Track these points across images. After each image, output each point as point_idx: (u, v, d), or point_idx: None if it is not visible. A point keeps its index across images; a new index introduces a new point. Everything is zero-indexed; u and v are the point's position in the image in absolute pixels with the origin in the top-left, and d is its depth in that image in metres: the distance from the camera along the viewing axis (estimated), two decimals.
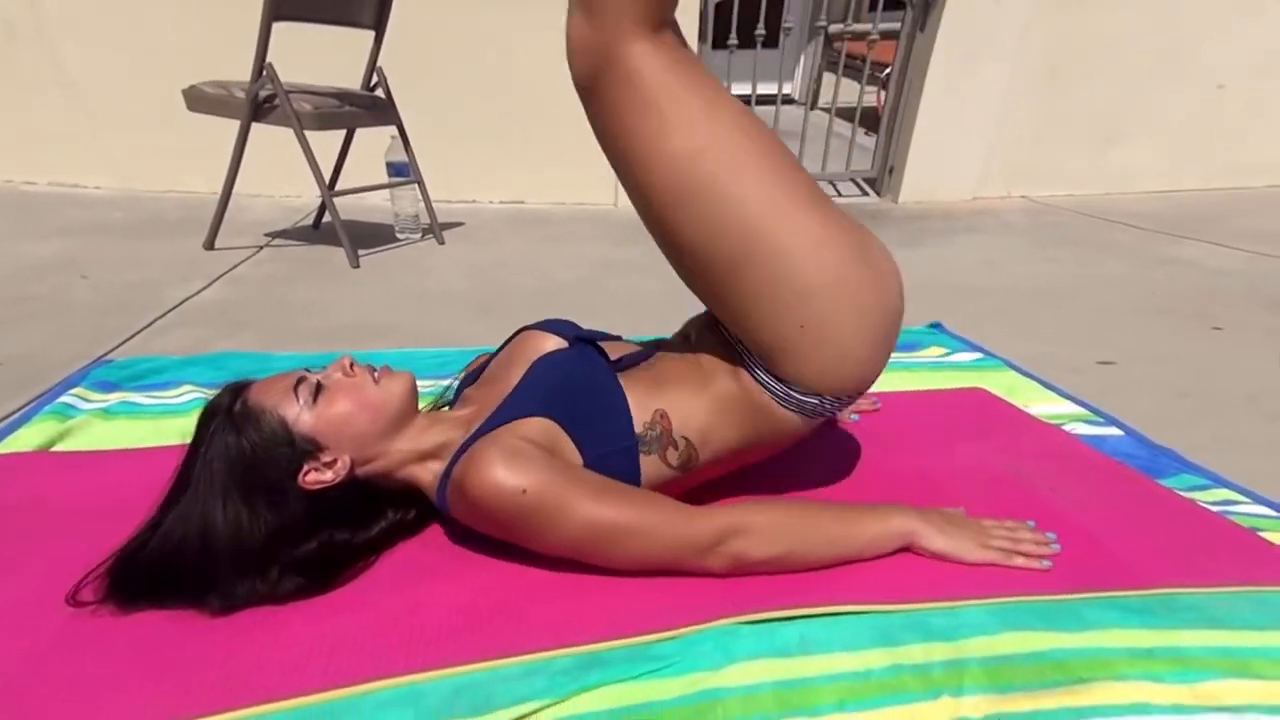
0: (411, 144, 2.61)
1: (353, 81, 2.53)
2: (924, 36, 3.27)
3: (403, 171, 2.67)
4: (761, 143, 0.72)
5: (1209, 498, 0.94)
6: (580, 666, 0.66)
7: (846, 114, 3.86)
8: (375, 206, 3.04)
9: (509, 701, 0.62)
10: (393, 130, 2.57)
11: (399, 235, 2.77)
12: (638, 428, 0.81)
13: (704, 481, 0.89)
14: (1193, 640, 0.67)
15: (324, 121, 2.27)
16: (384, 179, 2.70)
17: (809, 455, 1.04)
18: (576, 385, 0.84)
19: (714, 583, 0.77)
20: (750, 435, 0.85)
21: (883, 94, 3.57)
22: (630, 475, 0.80)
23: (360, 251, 2.37)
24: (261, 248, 2.49)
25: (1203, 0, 3.22)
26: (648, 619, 0.71)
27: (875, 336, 0.79)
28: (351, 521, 0.80)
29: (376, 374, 0.83)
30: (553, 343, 0.93)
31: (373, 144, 2.65)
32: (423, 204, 2.73)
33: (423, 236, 2.77)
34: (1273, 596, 0.74)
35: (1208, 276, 2.18)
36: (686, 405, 0.83)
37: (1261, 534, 0.85)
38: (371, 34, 2.45)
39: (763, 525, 0.77)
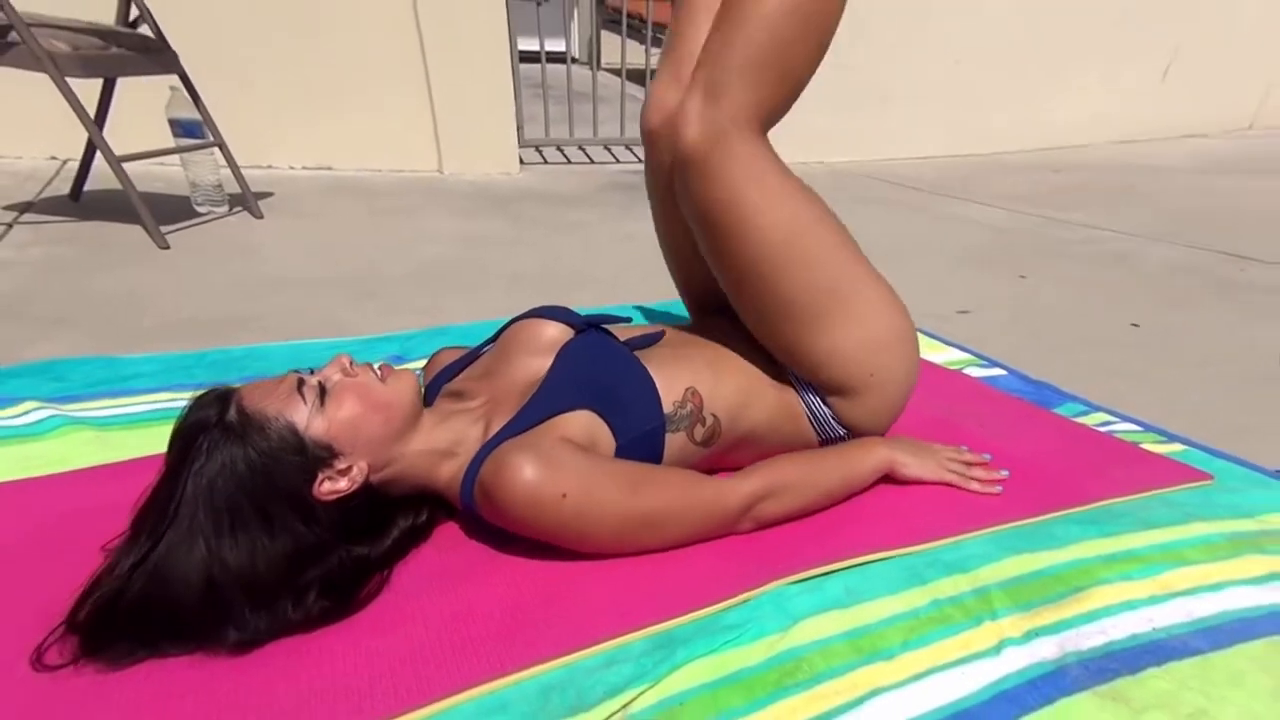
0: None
1: (99, 16, 2.06)
2: None
3: (193, 131, 2.29)
4: (832, 217, 0.85)
5: (1093, 420, 1.16)
6: (659, 647, 0.67)
7: (634, 76, 3.99)
8: (151, 173, 2.59)
9: (604, 694, 0.61)
10: (172, 80, 2.19)
11: (199, 208, 2.39)
12: (667, 407, 0.83)
13: (714, 464, 0.91)
14: (1137, 542, 0.84)
15: (87, 66, 1.88)
16: (167, 140, 2.27)
17: None
18: (607, 372, 0.83)
19: (747, 546, 0.81)
20: (769, 430, 0.92)
21: None
22: (654, 453, 0.82)
23: (163, 229, 2.02)
24: (10, 225, 2.03)
25: None
26: (702, 592, 0.73)
27: (912, 383, 0.92)
28: (368, 533, 0.73)
29: (378, 372, 0.77)
30: (555, 329, 0.91)
31: (135, 94, 2.19)
32: (226, 171, 2.38)
33: (230, 210, 2.42)
34: (1172, 495, 0.94)
35: (992, 232, 2.59)
36: (716, 387, 0.87)
37: (1141, 446, 1.07)
38: None
39: (783, 486, 0.84)
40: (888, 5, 3.72)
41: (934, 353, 1.44)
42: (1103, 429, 1.13)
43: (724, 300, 0.92)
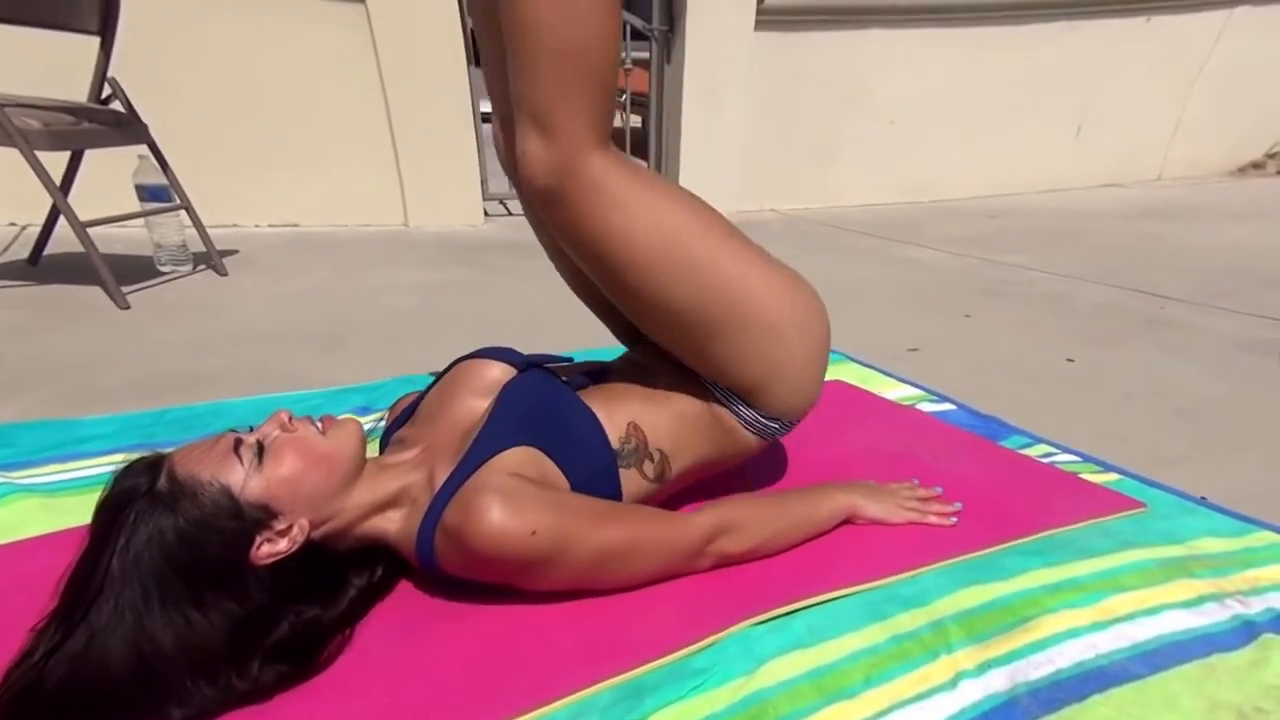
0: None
1: (70, 94, 2.08)
2: (672, 68, 3.64)
3: (159, 195, 2.29)
4: (706, 211, 0.82)
5: (1036, 452, 1.20)
6: (627, 696, 0.66)
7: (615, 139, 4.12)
8: (112, 235, 2.55)
9: None
10: (140, 150, 2.19)
11: (162, 268, 2.36)
12: (614, 443, 0.83)
13: (669, 496, 0.92)
14: (1079, 570, 0.86)
15: (59, 140, 1.89)
16: (132, 203, 2.26)
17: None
18: (548, 408, 0.83)
19: (712, 587, 0.81)
20: (714, 450, 0.91)
21: (631, 116, 3.90)
22: (613, 492, 0.82)
23: (124, 289, 1.98)
24: None
25: (871, 50, 4.02)
26: (669, 636, 0.73)
27: (823, 357, 0.90)
28: (316, 594, 0.70)
29: (319, 424, 0.75)
30: (498, 369, 0.90)
31: (102, 162, 2.18)
32: (190, 231, 2.36)
33: (194, 268, 2.39)
34: (1108, 524, 0.97)
35: (934, 273, 2.69)
36: (654, 419, 0.87)
37: (1080, 476, 1.11)
38: (97, 40, 2.09)
39: (742, 521, 0.84)
40: (823, 76, 3.95)
41: (888, 389, 1.48)
42: (1045, 459, 1.17)
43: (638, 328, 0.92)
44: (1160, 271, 2.65)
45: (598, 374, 0.95)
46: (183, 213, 2.33)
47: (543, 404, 0.83)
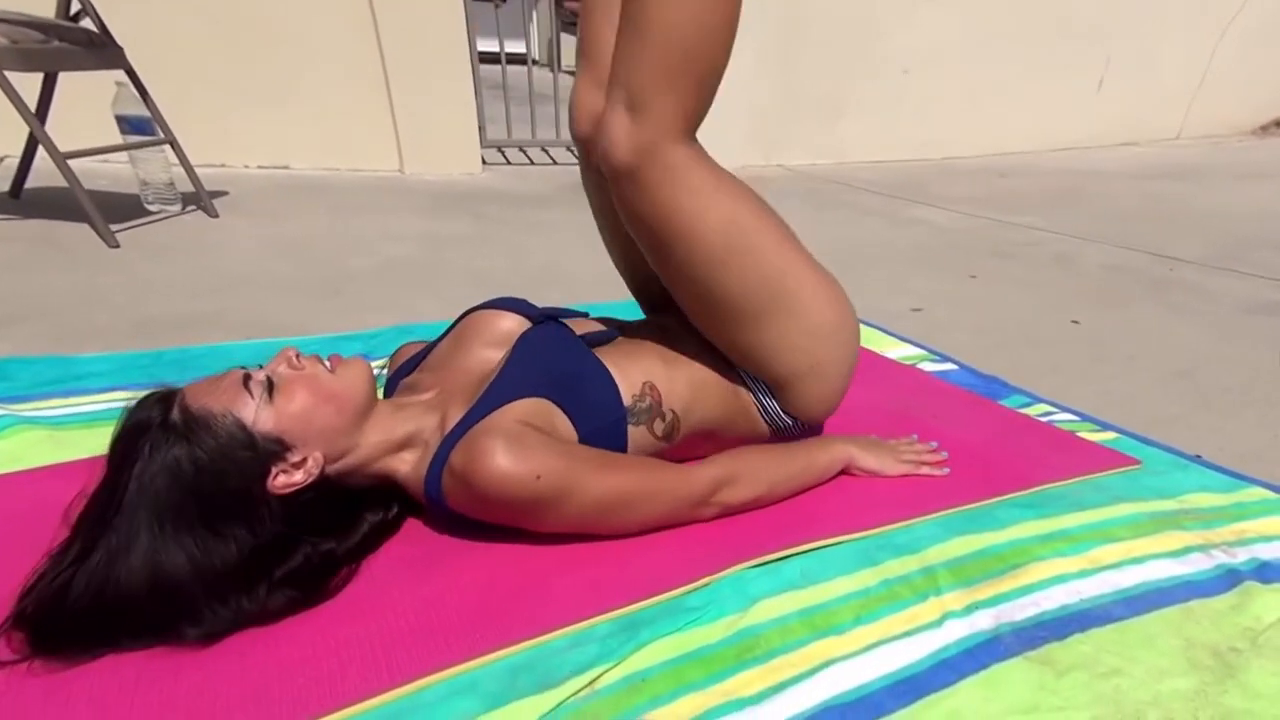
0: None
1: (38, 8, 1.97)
2: None
3: (142, 128, 2.23)
4: (769, 212, 0.86)
5: (1036, 411, 1.23)
6: (624, 629, 0.70)
7: None
8: (93, 170, 2.52)
9: (571, 672, 0.64)
10: (118, 76, 2.12)
11: (150, 207, 2.34)
12: (626, 400, 0.85)
13: (677, 459, 0.94)
14: (1070, 522, 0.90)
15: (28, 60, 1.81)
16: (114, 137, 2.19)
17: None
18: (563, 361, 0.85)
19: (708, 535, 0.85)
20: (726, 424, 0.94)
21: None
22: (618, 445, 0.85)
23: (112, 228, 1.97)
24: None
25: None
26: (664, 578, 0.77)
27: (850, 370, 0.94)
28: (332, 527, 0.74)
29: (328, 364, 0.77)
30: (511, 321, 0.92)
31: (78, 90, 2.12)
32: (178, 169, 2.33)
33: (184, 209, 2.37)
34: (1103, 480, 1.01)
35: (943, 233, 2.69)
36: (672, 380, 0.89)
37: (1078, 434, 1.14)
38: None
39: (745, 472, 0.87)
40: (835, 21, 3.85)
41: (889, 348, 1.50)
42: (1044, 419, 1.20)
43: (671, 299, 0.95)
44: (1171, 233, 2.65)
45: (614, 331, 0.97)
46: (169, 149, 2.29)
47: (558, 357, 0.86)
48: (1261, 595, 0.78)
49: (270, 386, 0.71)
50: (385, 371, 0.99)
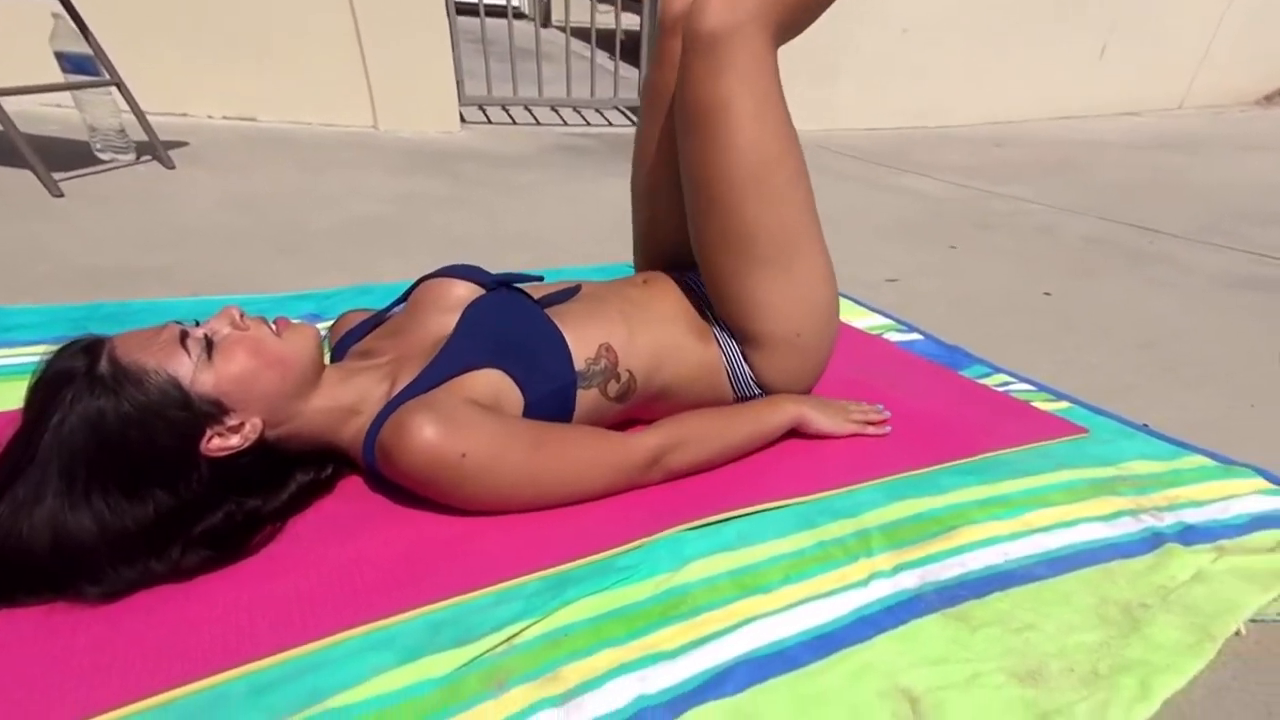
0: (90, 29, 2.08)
1: None
2: None
3: (85, 67, 2.13)
4: (806, 169, 0.89)
5: (994, 381, 1.26)
6: (551, 587, 0.72)
7: (580, 34, 3.96)
8: (42, 115, 2.48)
9: (491, 628, 0.66)
10: (53, 7, 2.01)
11: (101, 155, 2.30)
12: (579, 364, 0.87)
13: (628, 418, 0.97)
14: (1010, 488, 0.93)
15: None
16: (56, 76, 2.10)
17: None
18: (515, 329, 0.86)
19: (651, 498, 0.87)
20: (687, 387, 0.96)
21: (622, 16, 3.76)
22: (564, 409, 0.86)
23: (55, 175, 1.94)
24: None
25: None
26: (600, 538, 0.79)
27: (828, 357, 0.99)
28: (261, 487, 0.75)
29: (273, 326, 0.77)
30: (465, 288, 0.93)
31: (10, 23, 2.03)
32: (129, 116, 2.27)
33: (138, 159, 2.34)
34: (1049, 447, 1.04)
35: (926, 202, 2.71)
36: (631, 341, 0.91)
37: (1032, 403, 1.18)
38: None
39: (689, 437, 0.89)
40: None
41: (857, 318, 1.52)
42: (1001, 389, 1.23)
43: (676, 255, 0.96)
44: (1159, 205, 2.68)
45: (571, 293, 0.98)
46: (116, 93, 2.20)
47: (507, 324, 0.86)
48: (1180, 555, 0.82)
49: (209, 345, 0.71)
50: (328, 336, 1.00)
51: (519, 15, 5.40)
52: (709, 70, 0.80)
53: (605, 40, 3.79)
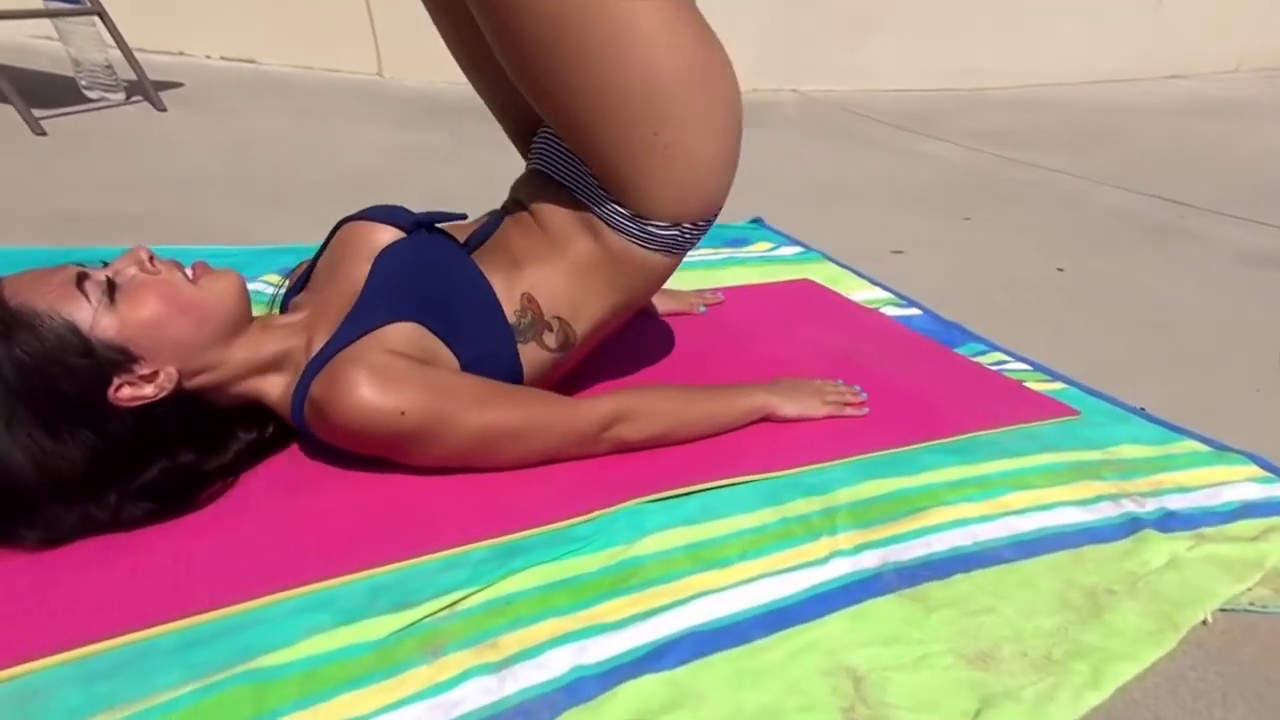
0: None
1: None
2: None
3: None
4: None
5: (989, 360, 1.25)
6: (501, 555, 0.73)
7: None
8: (33, 48, 2.47)
9: (433, 594, 0.68)
10: None
11: (88, 93, 2.29)
12: (510, 317, 0.84)
13: (586, 354, 0.95)
14: (990, 469, 0.93)
15: None
16: (37, 2, 2.08)
17: (668, 345, 1.18)
18: (434, 279, 0.83)
19: (615, 468, 0.87)
20: (620, 294, 0.90)
21: None
22: (511, 369, 0.85)
23: (38, 113, 1.94)
24: None
25: None
26: (557, 507, 0.80)
27: (727, 140, 0.82)
28: (196, 441, 0.75)
29: (190, 271, 0.75)
30: (386, 233, 0.88)
31: None
32: (114, 49, 2.24)
33: (127, 97, 2.33)
34: (1036, 429, 1.03)
35: (948, 170, 2.65)
36: (550, 282, 0.86)
37: (1025, 384, 1.17)
38: None
39: (642, 410, 0.89)
40: None
41: (856, 290, 1.51)
42: (995, 367, 1.22)
43: (529, 110, 0.85)
44: (1194, 177, 2.61)
45: (491, 227, 0.94)
46: (101, 25, 2.18)
47: (428, 273, 0.83)
48: (1156, 542, 0.81)
49: (112, 289, 0.69)
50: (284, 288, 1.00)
51: None
52: None
53: None
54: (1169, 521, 0.86)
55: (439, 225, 0.91)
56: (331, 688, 0.59)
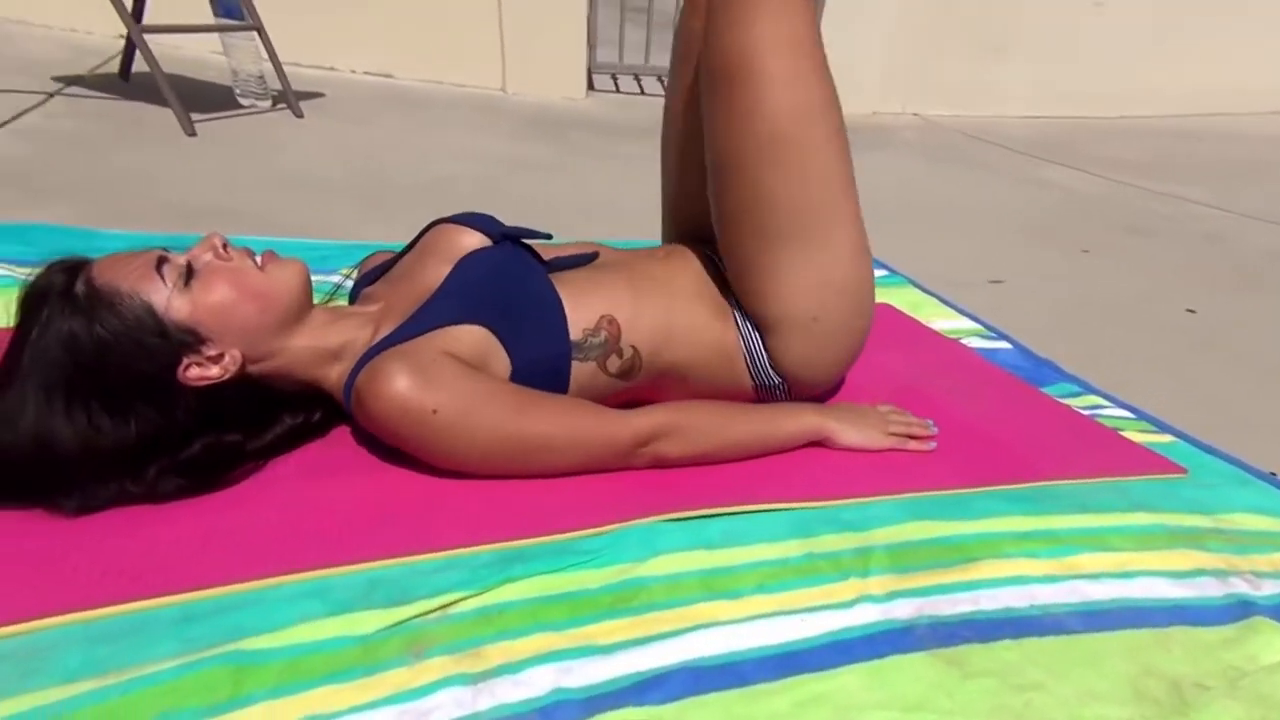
0: None
1: None
2: None
3: (234, 13, 2.31)
4: (841, 134, 0.82)
5: (1082, 403, 1.10)
6: (503, 560, 0.69)
7: None
8: (206, 61, 2.72)
9: (428, 593, 0.64)
10: None
11: (241, 100, 2.50)
12: (576, 333, 0.83)
13: (634, 398, 0.91)
14: (1063, 523, 0.81)
15: None
16: (208, 19, 2.30)
17: None
18: (507, 287, 0.83)
19: (638, 482, 0.82)
20: (702, 365, 0.90)
21: None
22: (558, 381, 0.83)
23: (194, 116, 2.13)
24: (52, 95, 2.18)
25: None
26: (573, 516, 0.75)
27: (856, 347, 0.92)
28: (245, 423, 0.76)
29: (259, 259, 0.77)
30: (474, 239, 0.90)
31: None
32: (268, 62, 2.45)
33: (274, 105, 2.52)
34: (1130, 484, 0.89)
35: (1073, 200, 2.43)
36: (639, 315, 0.86)
37: (1123, 433, 1.02)
38: None
39: (686, 427, 0.83)
40: None
41: (939, 319, 1.38)
42: (1089, 412, 1.07)
43: (704, 229, 0.90)
44: None
45: (589, 255, 0.94)
46: (259, 41, 2.36)
47: (500, 280, 0.84)
48: (1269, 632, 0.67)
49: (190, 274, 0.71)
50: (352, 280, 1.01)
51: None
52: (732, 24, 0.74)
53: None
54: None
55: (525, 240, 0.92)
56: (310, 680, 0.56)
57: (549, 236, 0.97)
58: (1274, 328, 1.49)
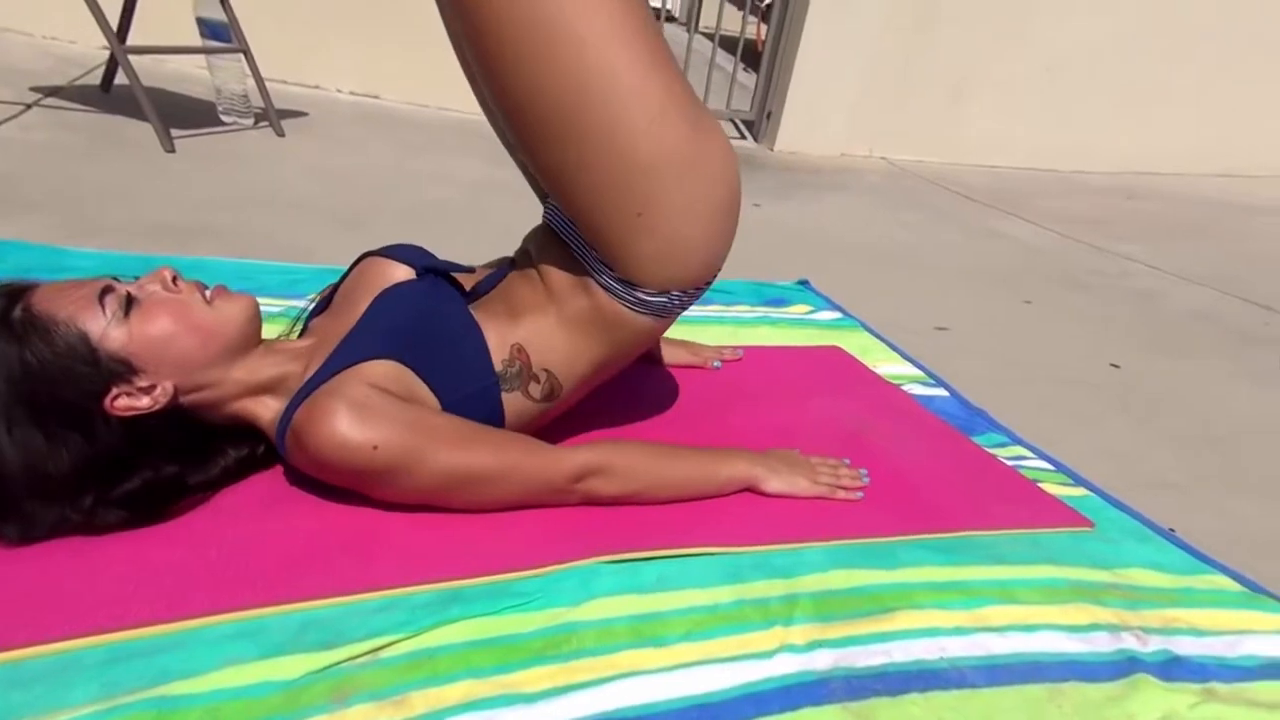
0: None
1: None
2: None
3: (221, 34, 2.30)
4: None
5: (1007, 453, 1.13)
6: (440, 602, 0.70)
7: (728, 44, 3.87)
8: (190, 76, 2.69)
9: (362, 636, 0.64)
10: None
11: (224, 118, 2.47)
12: (496, 365, 0.82)
13: (570, 406, 0.91)
14: (977, 574, 0.83)
15: None
16: (194, 39, 2.29)
17: (673, 401, 1.13)
18: (426, 323, 0.82)
19: (577, 522, 0.83)
20: (610, 350, 0.87)
21: (763, 27, 3.64)
22: (492, 414, 0.83)
23: (175, 132, 2.10)
24: (29, 106, 2.15)
25: None
26: (511, 556, 0.76)
27: (715, 221, 0.80)
28: (182, 455, 0.75)
29: (208, 292, 0.76)
30: (401, 272, 0.89)
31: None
32: (252, 81, 2.43)
33: (255, 123, 2.51)
34: (1042, 536, 0.92)
35: (1021, 252, 2.50)
36: (544, 336, 0.84)
37: (1040, 484, 1.05)
38: None
39: (619, 466, 0.84)
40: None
41: (883, 363, 1.42)
42: (1013, 462, 1.11)
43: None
44: None
45: (497, 277, 0.92)
46: (244, 60, 2.34)
47: (421, 316, 0.83)
48: (1150, 690, 0.70)
49: (130, 304, 0.70)
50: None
51: (670, 19, 5.36)
52: None
53: (750, 52, 3.73)
54: (1174, 668, 0.73)
55: (448, 273, 0.91)
56: None
57: (471, 269, 0.96)
58: (1192, 387, 1.55)
